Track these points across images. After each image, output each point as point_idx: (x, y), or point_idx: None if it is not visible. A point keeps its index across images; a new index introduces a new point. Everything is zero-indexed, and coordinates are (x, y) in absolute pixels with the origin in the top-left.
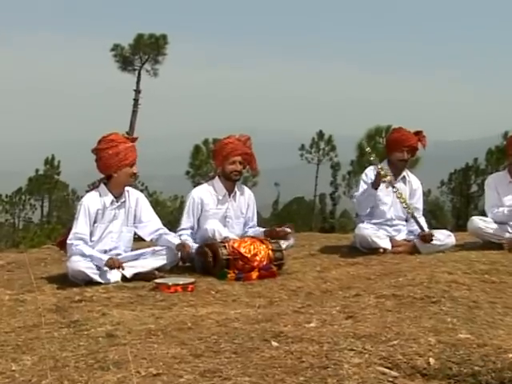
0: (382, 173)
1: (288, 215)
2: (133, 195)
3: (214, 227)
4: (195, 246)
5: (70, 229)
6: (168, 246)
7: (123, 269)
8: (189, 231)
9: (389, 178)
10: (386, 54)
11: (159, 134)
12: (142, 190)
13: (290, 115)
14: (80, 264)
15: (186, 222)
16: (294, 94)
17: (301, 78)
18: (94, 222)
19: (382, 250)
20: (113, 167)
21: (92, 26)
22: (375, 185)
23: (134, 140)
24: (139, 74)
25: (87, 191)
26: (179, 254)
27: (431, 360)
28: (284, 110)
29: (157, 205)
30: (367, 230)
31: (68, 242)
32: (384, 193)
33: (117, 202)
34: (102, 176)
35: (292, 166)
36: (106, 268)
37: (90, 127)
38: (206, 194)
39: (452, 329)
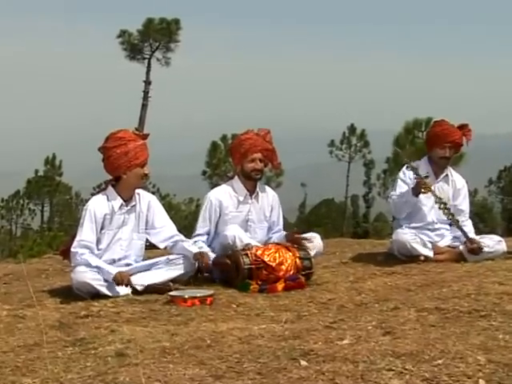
0: (423, 182)
1: (316, 219)
2: (144, 198)
3: (235, 233)
4: (213, 255)
5: (74, 236)
6: (184, 254)
7: (131, 286)
8: (204, 237)
9: (429, 184)
10: (427, 40)
11: (172, 129)
12: (153, 192)
13: (317, 107)
14: (86, 275)
15: (202, 226)
16: (321, 84)
17: (329, 66)
18: (101, 228)
19: (423, 258)
20: (122, 168)
21: (95, 11)
22: (415, 192)
23: (145, 137)
24: (149, 64)
25: (93, 194)
26: (197, 263)
27: (481, 382)
28: (311, 102)
29: (170, 208)
30: (406, 235)
31: (72, 250)
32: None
33: (126, 205)
34: (110, 177)
35: (320, 165)
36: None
37: (96, 123)
38: (224, 196)
39: (504, 346)
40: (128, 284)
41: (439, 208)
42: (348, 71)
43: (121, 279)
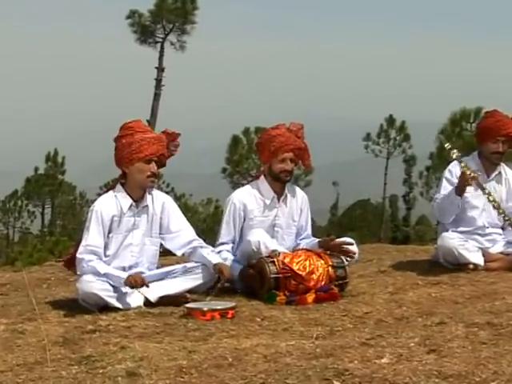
0: (468, 172)
1: (350, 222)
2: (158, 199)
3: (259, 238)
4: (238, 267)
5: (79, 242)
6: (203, 262)
7: (148, 286)
8: (229, 245)
9: (475, 175)
10: (475, 17)
11: (188, 121)
12: (167, 192)
13: (350, 96)
14: (93, 285)
15: (227, 234)
16: (355, 69)
17: (364, 49)
18: (109, 231)
19: (472, 266)
20: (123, 160)
21: None
22: (459, 190)
23: (173, 137)
24: (162, 48)
25: (100, 194)
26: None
27: None
28: (343, 90)
29: (186, 210)
30: (453, 240)
31: (78, 256)
32: (473, 194)
33: (136, 206)
34: (120, 175)
35: (354, 161)
36: (126, 289)
37: (103, 114)
38: (249, 199)
39: None
40: (144, 284)
41: (489, 201)
42: (386, 54)
43: (134, 281)
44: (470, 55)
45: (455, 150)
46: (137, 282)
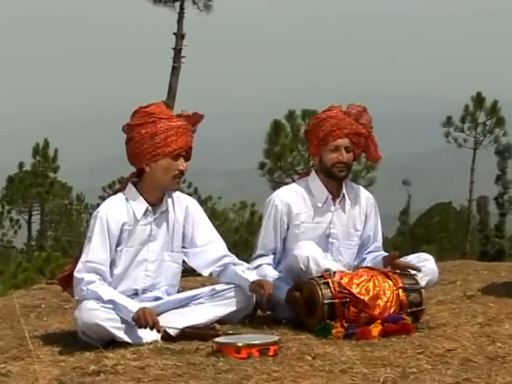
0: None
1: (426, 233)
2: (180, 203)
3: (308, 253)
4: (284, 287)
5: (78, 257)
6: (237, 283)
7: (159, 331)
8: (269, 258)
9: None
10: None
11: (215, 105)
12: (189, 194)
13: (426, 71)
14: (96, 314)
15: (266, 243)
16: (431, 37)
17: (441, 10)
18: (118, 244)
19: None
20: (144, 156)
21: None
22: None
23: (194, 120)
24: (182, 9)
25: (105, 197)
26: (254, 297)
27: None
28: (417, 63)
29: (213, 217)
30: None
31: (76, 275)
32: None
33: (153, 212)
34: (132, 172)
35: (431, 153)
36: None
37: (108, 96)
38: (296, 200)
39: None
40: (155, 327)
41: None
42: (469, 17)
43: (144, 319)
44: None
45: None
46: (147, 322)
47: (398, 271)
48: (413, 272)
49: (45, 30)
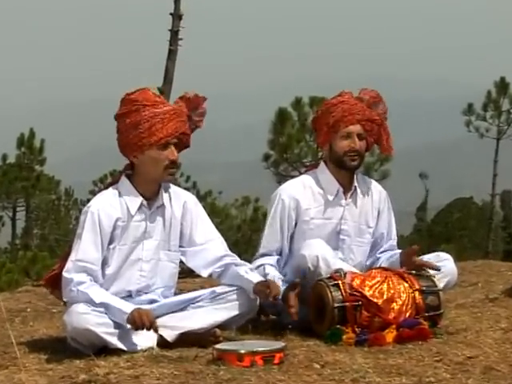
0: None
1: (445, 230)
2: (177, 198)
3: (318, 252)
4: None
5: (67, 255)
6: (239, 285)
7: (156, 331)
8: (274, 258)
9: None
10: None
11: (214, 90)
12: (186, 189)
13: (442, 53)
14: (87, 318)
15: (270, 241)
16: (447, 18)
17: None
18: (111, 242)
19: None
20: (130, 147)
21: None
22: None
23: (197, 101)
24: None
25: (96, 191)
26: (258, 299)
27: None
28: (431, 45)
29: (213, 214)
30: None
31: (65, 276)
32: None
33: (149, 207)
34: (126, 164)
35: (451, 143)
36: (129, 326)
37: (98, 81)
38: (304, 194)
39: None
40: (152, 327)
41: None
42: None
43: (140, 319)
44: None
45: None
46: (143, 323)
47: (414, 272)
48: (432, 272)
49: (32, 14)
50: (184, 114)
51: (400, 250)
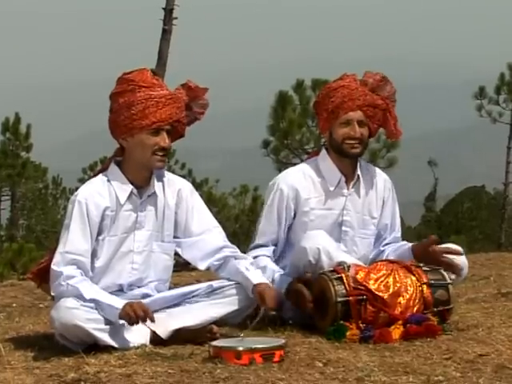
0: None
1: (455, 221)
2: (171, 185)
3: (319, 244)
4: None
5: (55, 248)
6: (238, 280)
7: (153, 321)
8: (269, 250)
9: None
10: None
11: (211, 71)
12: (182, 177)
13: (452, 35)
14: (76, 314)
15: (267, 233)
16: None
17: None
18: (100, 232)
19: None
20: (120, 128)
21: None
22: None
23: (199, 92)
24: None
25: (85, 179)
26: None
27: None
28: (441, 27)
29: (210, 203)
30: None
31: (53, 268)
32: None
33: (140, 195)
34: (116, 149)
35: (461, 129)
36: (122, 321)
37: (89, 63)
38: (304, 183)
39: None
40: (148, 317)
41: None
42: None
43: (134, 313)
44: None
45: None
46: (137, 315)
47: (421, 264)
48: (453, 259)
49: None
50: (181, 102)
51: (406, 242)
